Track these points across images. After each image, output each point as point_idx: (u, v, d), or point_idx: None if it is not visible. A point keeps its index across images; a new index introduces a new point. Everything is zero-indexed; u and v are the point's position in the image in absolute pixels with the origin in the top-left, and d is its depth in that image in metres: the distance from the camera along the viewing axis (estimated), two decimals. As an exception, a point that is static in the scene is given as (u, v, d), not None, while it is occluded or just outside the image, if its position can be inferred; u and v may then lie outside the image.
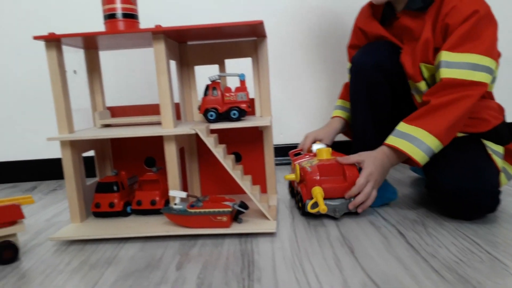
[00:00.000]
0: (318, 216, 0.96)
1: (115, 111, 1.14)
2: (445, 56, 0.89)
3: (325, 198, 0.91)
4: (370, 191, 0.91)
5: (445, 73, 0.88)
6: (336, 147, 1.13)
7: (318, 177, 0.93)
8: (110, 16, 0.92)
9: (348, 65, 1.24)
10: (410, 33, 0.99)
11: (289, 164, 1.61)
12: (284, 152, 1.59)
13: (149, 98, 1.60)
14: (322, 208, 0.88)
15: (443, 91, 0.89)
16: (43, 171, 1.66)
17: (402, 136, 0.91)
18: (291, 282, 0.66)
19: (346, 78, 1.25)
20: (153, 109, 1.13)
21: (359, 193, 0.91)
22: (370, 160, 0.93)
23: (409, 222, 0.90)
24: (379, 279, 0.65)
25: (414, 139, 0.89)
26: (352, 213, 0.96)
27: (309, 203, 0.92)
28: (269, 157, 1.09)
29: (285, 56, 1.59)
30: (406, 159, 0.93)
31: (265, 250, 0.80)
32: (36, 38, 0.86)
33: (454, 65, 0.88)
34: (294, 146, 1.59)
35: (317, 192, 0.91)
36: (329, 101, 1.62)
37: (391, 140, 0.93)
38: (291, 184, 1.15)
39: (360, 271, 0.68)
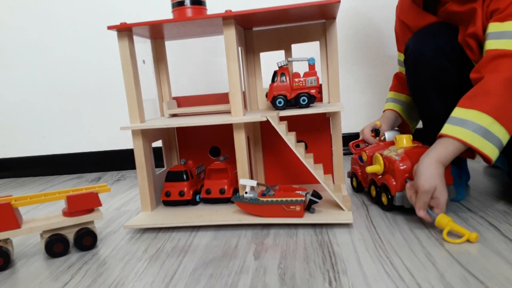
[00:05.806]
0: (397, 208, 0.91)
1: (179, 101, 1.14)
2: (492, 27, 0.80)
3: None
4: (427, 200, 0.76)
5: (491, 44, 0.79)
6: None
7: (409, 165, 0.83)
8: (178, 4, 0.91)
9: (398, 55, 1.15)
10: (459, 19, 0.90)
11: (346, 154, 1.55)
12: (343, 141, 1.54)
13: (205, 88, 1.61)
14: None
15: (490, 64, 0.79)
16: (106, 162, 1.72)
17: (462, 123, 0.77)
18: (381, 276, 0.62)
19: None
20: (216, 99, 1.11)
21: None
22: (420, 177, 0.76)
23: (499, 213, 0.83)
24: (482, 275, 0.60)
25: (480, 128, 0.75)
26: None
27: None
28: (337, 145, 1.05)
29: (346, 39, 1.52)
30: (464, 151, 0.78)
31: (344, 241, 0.76)
32: (109, 28, 0.87)
33: (502, 35, 0.79)
34: (354, 136, 1.54)
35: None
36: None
37: (449, 129, 0.78)
38: (355, 176, 1.08)
39: (457, 266, 0.63)
